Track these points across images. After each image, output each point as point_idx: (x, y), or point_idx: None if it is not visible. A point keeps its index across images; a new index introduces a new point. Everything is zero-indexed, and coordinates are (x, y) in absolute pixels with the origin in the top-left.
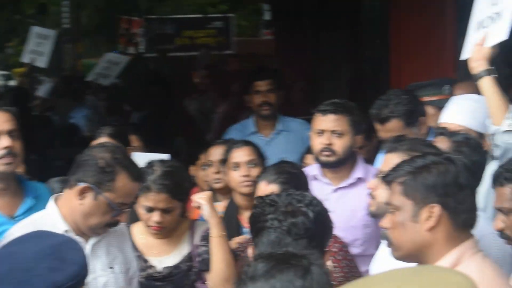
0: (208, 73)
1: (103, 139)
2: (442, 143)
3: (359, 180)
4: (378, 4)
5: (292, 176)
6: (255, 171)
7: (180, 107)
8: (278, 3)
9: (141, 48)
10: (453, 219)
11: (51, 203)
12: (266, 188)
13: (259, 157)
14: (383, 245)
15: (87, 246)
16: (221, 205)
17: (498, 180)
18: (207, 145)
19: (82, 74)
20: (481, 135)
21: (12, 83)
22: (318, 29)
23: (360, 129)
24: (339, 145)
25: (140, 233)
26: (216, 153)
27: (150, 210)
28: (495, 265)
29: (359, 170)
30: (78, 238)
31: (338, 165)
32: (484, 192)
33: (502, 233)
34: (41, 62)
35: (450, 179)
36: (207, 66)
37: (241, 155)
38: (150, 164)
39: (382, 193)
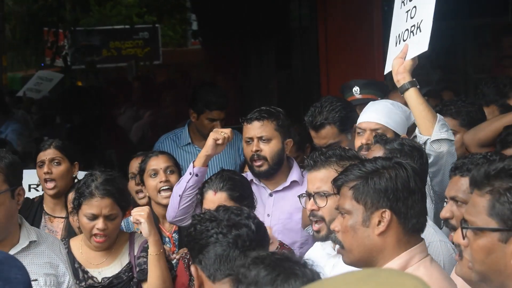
0: (139, 84)
1: (50, 151)
2: (377, 151)
3: (294, 183)
4: (306, 12)
5: (236, 182)
6: (173, 178)
7: (111, 118)
8: (205, 13)
9: (68, 61)
10: (403, 223)
11: None
12: (214, 197)
13: (176, 165)
14: (318, 243)
15: None
16: None
17: (460, 170)
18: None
19: (9, 88)
20: (397, 136)
21: None
22: (246, 38)
23: (289, 133)
24: (268, 150)
25: (80, 246)
26: (136, 165)
27: (94, 217)
28: (443, 270)
29: (294, 174)
30: None
31: (270, 173)
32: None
33: (447, 222)
34: None
35: (400, 184)
36: (137, 77)
37: (158, 162)
38: (90, 173)
39: (329, 212)
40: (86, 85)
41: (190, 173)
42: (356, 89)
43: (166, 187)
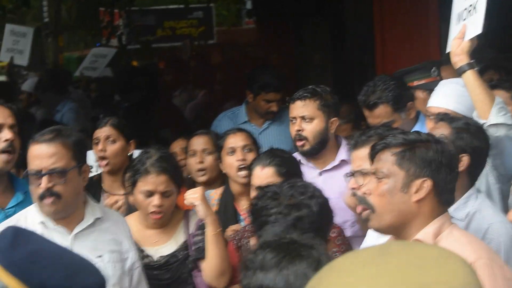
0: (195, 63)
1: (106, 129)
2: (443, 129)
3: (343, 162)
4: None
5: (284, 160)
6: (250, 156)
7: (166, 98)
8: None
9: (123, 40)
10: (439, 195)
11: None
12: (262, 172)
13: (254, 143)
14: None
15: (71, 235)
16: (216, 193)
17: None
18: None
19: (65, 68)
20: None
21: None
22: (301, 17)
23: (335, 112)
24: (309, 130)
25: (135, 224)
26: (198, 142)
27: (150, 194)
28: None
29: (343, 153)
30: (60, 228)
31: (313, 152)
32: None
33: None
34: (21, 59)
35: (444, 159)
36: (192, 56)
37: (236, 140)
38: (145, 151)
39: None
40: (140, 64)
41: None
42: (434, 69)
43: (243, 166)
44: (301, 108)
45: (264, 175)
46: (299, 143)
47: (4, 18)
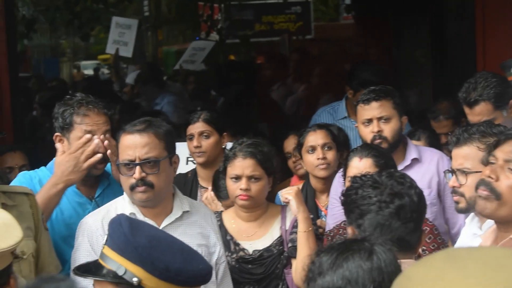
0: (296, 57)
1: (199, 124)
2: None
3: (415, 160)
4: None
5: (381, 152)
6: (330, 154)
7: (264, 92)
8: None
9: (222, 34)
10: None
11: None
12: (359, 163)
13: (334, 140)
14: (465, 225)
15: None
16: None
17: None
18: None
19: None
20: None
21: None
22: (399, 12)
23: (404, 110)
24: (389, 130)
25: (230, 219)
26: (317, 138)
27: (237, 178)
28: None
29: (413, 152)
30: (148, 220)
31: (390, 152)
32: None
33: None
34: (126, 51)
35: None
36: (294, 50)
37: (316, 138)
38: (239, 141)
39: (470, 189)
40: (238, 59)
41: None
42: None
43: (324, 165)
44: (377, 109)
45: (362, 165)
46: (377, 142)
47: (107, 12)
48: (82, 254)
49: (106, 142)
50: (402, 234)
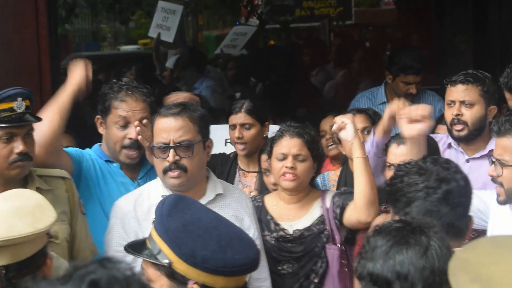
0: (338, 43)
1: (241, 115)
2: None
3: (492, 152)
4: None
5: None
6: (368, 138)
7: (304, 77)
8: None
9: (263, 20)
10: None
11: None
12: (397, 150)
13: (373, 124)
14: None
15: None
16: (335, 174)
17: None
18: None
19: (204, 46)
20: None
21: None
22: None
23: (494, 100)
24: (469, 115)
25: (273, 201)
26: (328, 123)
27: (284, 157)
28: None
29: (493, 142)
30: None
31: (470, 138)
32: None
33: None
34: (168, 36)
35: None
36: (335, 35)
37: (356, 122)
38: (287, 122)
39: (508, 181)
40: (278, 44)
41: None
42: None
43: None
44: (462, 92)
45: (399, 152)
46: (457, 127)
47: None
48: (114, 236)
49: (138, 128)
50: (451, 219)
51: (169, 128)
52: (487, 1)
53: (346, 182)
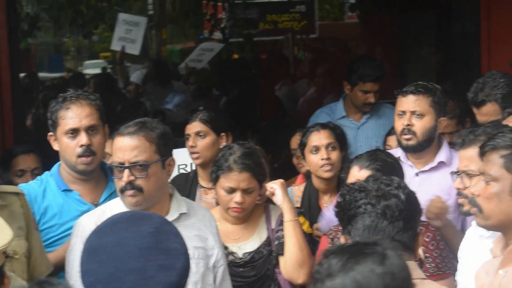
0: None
1: (195, 124)
2: None
3: (441, 164)
4: None
5: (386, 164)
6: (334, 154)
7: (268, 91)
8: None
9: (226, 33)
10: None
11: None
12: (359, 173)
13: (338, 140)
14: (471, 227)
15: None
16: (299, 189)
17: None
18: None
19: (168, 60)
20: None
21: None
22: (404, 11)
23: (444, 111)
24: (419, 126)
25: (216, 220)
26: (321, 138)
27: (232, 191)
28: None
29: (443, 154)
30: None
31: (418, 149)
32: None
33: None
34: (133, 49)
35: None
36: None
37: (320, 138)
38: (229, 146)
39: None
40: (241, 57)
41: None
42: None
43: (328, 165)
44: (413, 102)
45: (360, 176)
46: (405, 137)
47: (111, 11)
48: (76, 255)
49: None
50: (391, 233)
51: (124, 147)
52: (451, 14)
53: (310, 197)
